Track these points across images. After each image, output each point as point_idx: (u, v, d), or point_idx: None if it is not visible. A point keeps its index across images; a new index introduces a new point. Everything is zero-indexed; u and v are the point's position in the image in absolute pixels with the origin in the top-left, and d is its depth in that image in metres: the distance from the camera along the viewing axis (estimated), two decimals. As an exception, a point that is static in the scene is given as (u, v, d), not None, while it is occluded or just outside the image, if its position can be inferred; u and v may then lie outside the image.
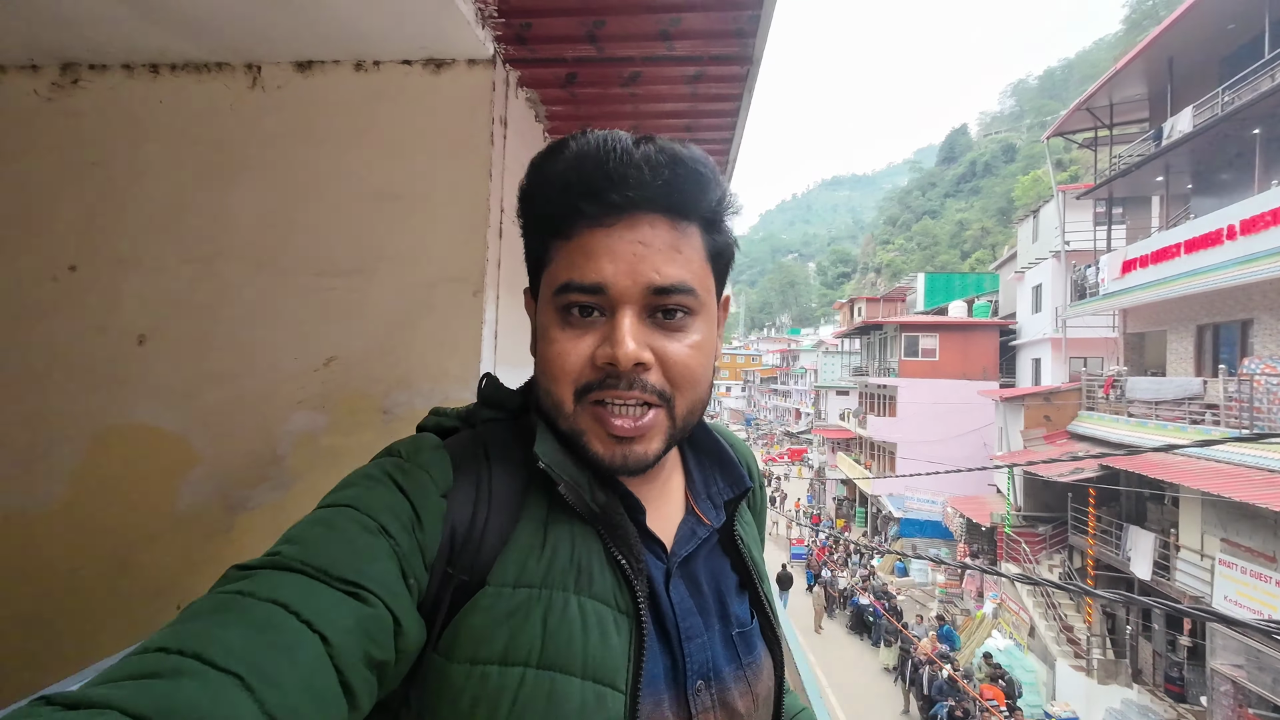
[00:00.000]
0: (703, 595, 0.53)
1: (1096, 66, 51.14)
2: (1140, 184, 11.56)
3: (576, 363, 0.48)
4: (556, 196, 0.48)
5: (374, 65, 1.67)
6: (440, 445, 0.50)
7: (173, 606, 1.62)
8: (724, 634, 0.52)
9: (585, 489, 0.49)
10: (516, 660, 0.42)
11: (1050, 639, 10.42)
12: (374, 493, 0.44)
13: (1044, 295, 15.61)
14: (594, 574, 0.47)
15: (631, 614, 0.46)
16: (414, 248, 1.65)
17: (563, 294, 0.48)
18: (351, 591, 0.38)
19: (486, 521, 0.47)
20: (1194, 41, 9.59)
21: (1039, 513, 12.54)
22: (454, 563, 0.45)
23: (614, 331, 0.47)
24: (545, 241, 0.51)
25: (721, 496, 0.58)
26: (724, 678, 0.50)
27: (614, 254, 0.47)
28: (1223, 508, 7.57)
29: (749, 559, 0.57)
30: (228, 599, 0.35)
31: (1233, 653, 7.53)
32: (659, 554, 0.52)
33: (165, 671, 0.30)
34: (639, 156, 0.47)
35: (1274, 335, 8.03)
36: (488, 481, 0.49)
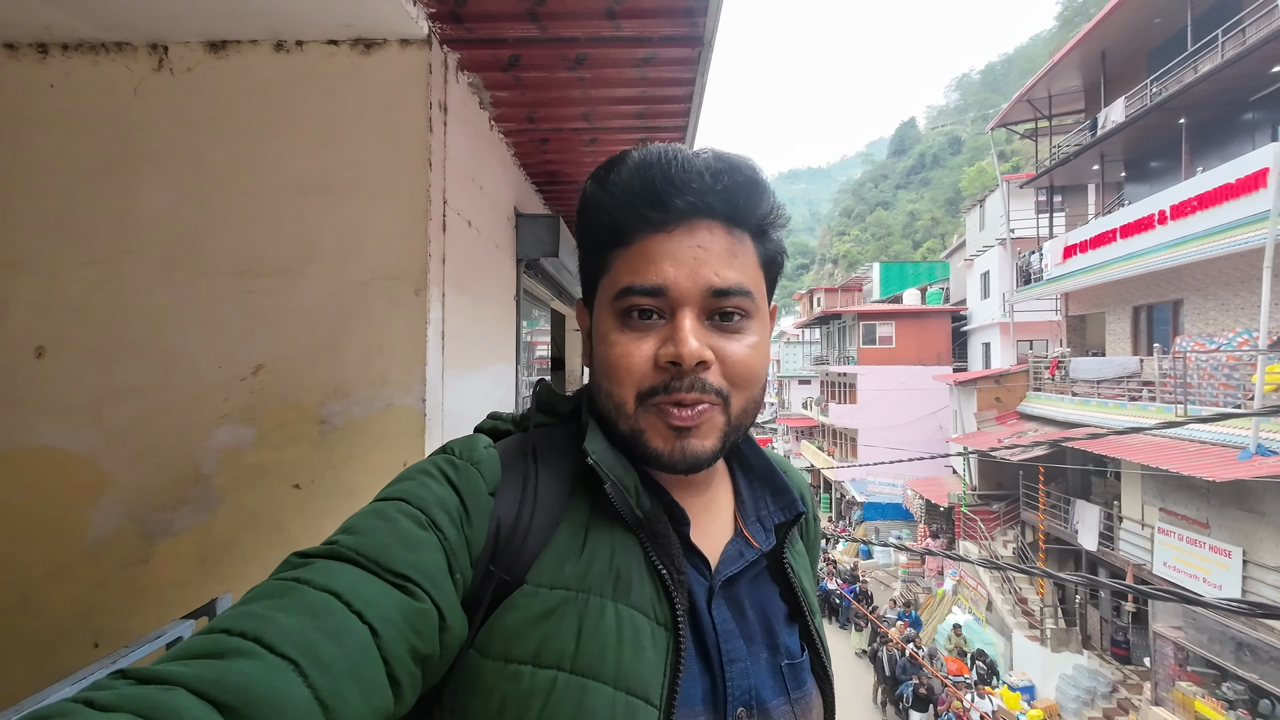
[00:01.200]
0: (747, 620, 0.51)
1: (1033, 61, 53.52)
2: (1078, 172, 12.11)
3: (639, 364, 0.49)
4: (618, 204, 0.50)
5: (296, 45, 1.53)
6: (491, 445, 0.51)
7: (89, 645, 1.46)
8: (772, 664, 0.50)
9: (631, 492, 0.49)
10: (549, 662, 0.42)
11: (1006, 612, 10.89)
12: (427, 487, 0.45)
13: (992, 281, 16.24)
14: (633, 582, 0.46)
15: (670, 627, 0.45)
16: (347, 244, 1.52)
17: (623, 297, 0.49)
18: (400, 584, 0.39)
19: (530, 522, 0.47)
20: (1124, 35, 10.07)
21: (993, 491, 13.08)
22: (496, 560, 0.46)
23: (676, 331, 0.48)
24: (604, 250, 0.52)
25: (772, 520, 0.57)
26: (769, 711, 0.48)
27: (675, 258, 0.48)
28: (1160, 480, 8.03)
29: (799, 589, 0.55)
30: (286, 585, 0.37)
31: (1172, 616, 8.01)
32: (702, 570, 0.51)
33: (227, 651, 0.32)
34: (699, 164, 0.49)
35: (1203, 314, 8.54)
36: (534, 483, 0.50)
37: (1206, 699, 7.26)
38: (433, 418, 1.56)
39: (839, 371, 21.16)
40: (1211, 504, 7.24)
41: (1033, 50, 68.05)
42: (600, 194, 0.51)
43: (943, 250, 29.33)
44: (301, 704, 0.31)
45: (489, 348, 2.16)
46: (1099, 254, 9.98)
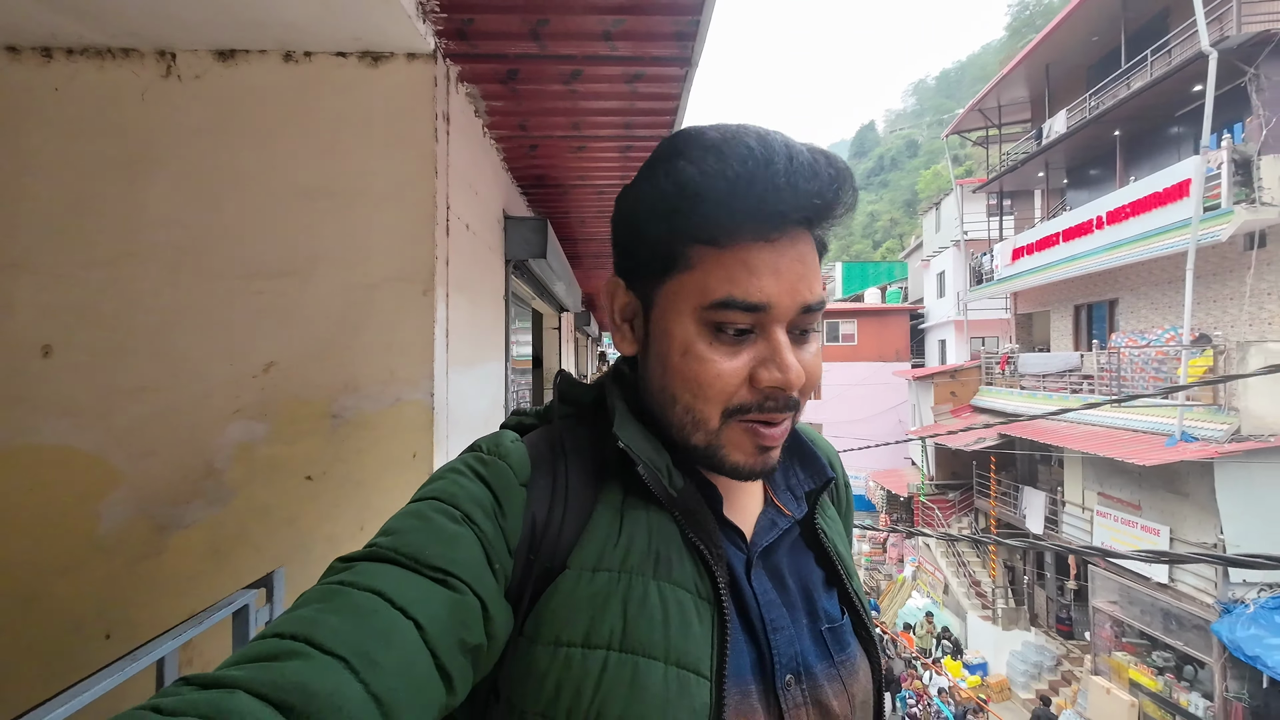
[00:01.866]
0: (787, 589, 0.51)
1: (985, 69, 55.78)
2: (1025, 179, 12.81)
3: (732, 383, 0.47)
4: (724, 202, 0.44)
5: (305, 56, 1.59)
6: (518, 439, 0.51)
7: (100, 638, 1.50)
8: (813, 630, 0.50)
9: (664, 473, 0.49)
10: (599, 643, 0.42)
11: (962, 594, 11.48)
12: (458, 484, 0.46)
13: (947, 281, 16.98)
14: (672, 560, 0.47)
15: (713, 601, 0.46)
16: (354, 247, 1.60)
17: (719, 310, 0.46)
18: (441, 579, 0.40)
19: (565, 510, 0.48)
20: (1066, 51, 10.72)
21: (949, 481, 13.72)
22: (536, 550, 0.46)
23: (777, 354, 0.46)
24: (684, 243, 0.47)
25: (802, 488, 0.57)
26: (815, 675, 0.48)
27: (776, 272, 0.45)
28: (1098, 465, 8.63)
29: (834, 553, 0.55)
30: (332, 589, 0.38)
31: (1110, 591, 8.63)
32: (738, 544, 0.51)
33: (281, 654, 0.33)
34: (823, 174, 0.45)
35: (1135, 313, 9.20)
36: (564, 473, 0.50)
37: (1139, 666, 7.87)
38: (439, 411, 1.65)
39: (804, 368, 21.67)
40: (1143, 487, 7.84)
41: (984, 58, 70.92)
42: (700, 180, 0.45)
43: (901, 251, 30.38)
44: (356, 699, 0.32)
45: (483, 346, 2.25)
46: (1044, 256, 10.61)
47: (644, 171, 0.50)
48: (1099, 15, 9.64)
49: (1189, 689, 7.29)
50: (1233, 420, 6.78)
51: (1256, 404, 6.71)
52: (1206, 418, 7.03)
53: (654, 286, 0.50)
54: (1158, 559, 1.22)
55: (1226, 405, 6.94)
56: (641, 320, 0.52)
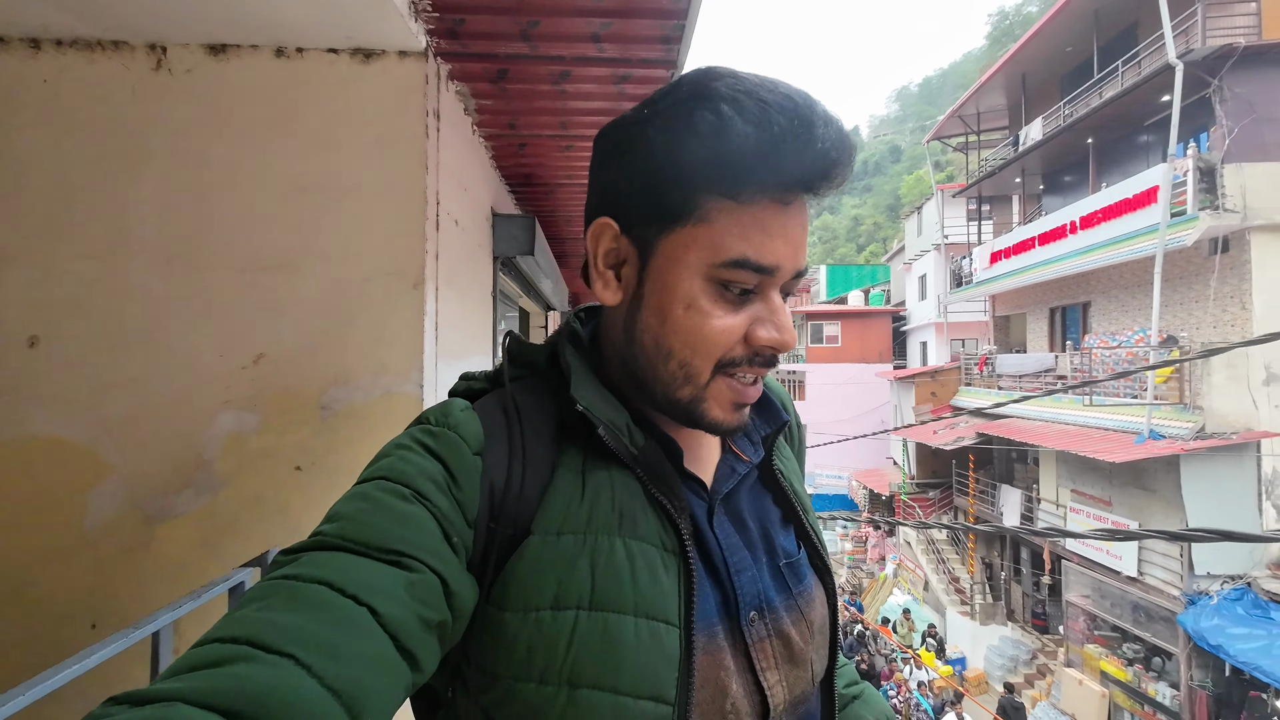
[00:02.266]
0: (747, 529, 0.53)
1: (966, 76, 56.94)
2: (1003, 184, 13.12)
3: (732, 340, 0.47)
4: (757, 154, 0.42)
5: (296, 52, 1.61)
6: (468, 407, 0.50)
7: (86, 628, 1.51)
8: (772, 566, 0.52)
9: (624, 432, 0.49)
10: (568, 604, 0.43)
11: (941, 590, 11.70)
12: (406, 460, 0.44)
13: (929, 284, 17.30)
14: (637, 517, 0.47)
15: (678, 552, 0.47)
16: (345, 241, 1.62)
17: (731, 269, 0.45)
18: (394, 560, 0.38)
19: (524, 475, 0.47)
20: (1041, 60, 11.02)
21: (929, 480, 13.97)
22: (497, 518, 0.46)
23: (777, 315, 0.47)
24: (697, 191, 0.45)
25: (758, 433, 0.58)
26: (776, 608, 0.51)
27: (787, 236, 0.45)
28: (1072, 462, 8.87)
29: (791, 492, 0.57)
30: (275, 585, 0.36)
31: (1083, 586, 8.87)
32: (700, 493, 0.52)
33: (223, 659, 0.31)
34: (849, 145, 0.44)
35: (1107, 315, 9.48)
36: (519, 437, 0.48)
37: (1110, 658, 8.10)
38: (429, 403, 1.68)
39: (789, 369, 21.97)
40: (1113, 484, 8.08)
41: (965, 66, 72.28)
42: (741, 129, 0.42)
43: (884, 254, 30.82)
44: (311, 695, 0.31)
45: (472, 340, 2.28)
46: (1020, 259, 10.87)
47: (660, 109, 0.46)
48: (1073, 27, 9.92)
49: (1157, 679, 7.53)
50: (1197, 419, 7.03)
51: (1220, 403, 6.97)
52: (1173, 416, 7.28)
53: (657, 235, 0.47)
54: (1111, 536, 1.31)
55: (1191, 404, 7.19)
56: (634, 269, 0.49)
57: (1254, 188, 6.96)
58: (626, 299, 0.50)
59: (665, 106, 0.46)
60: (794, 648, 0.50)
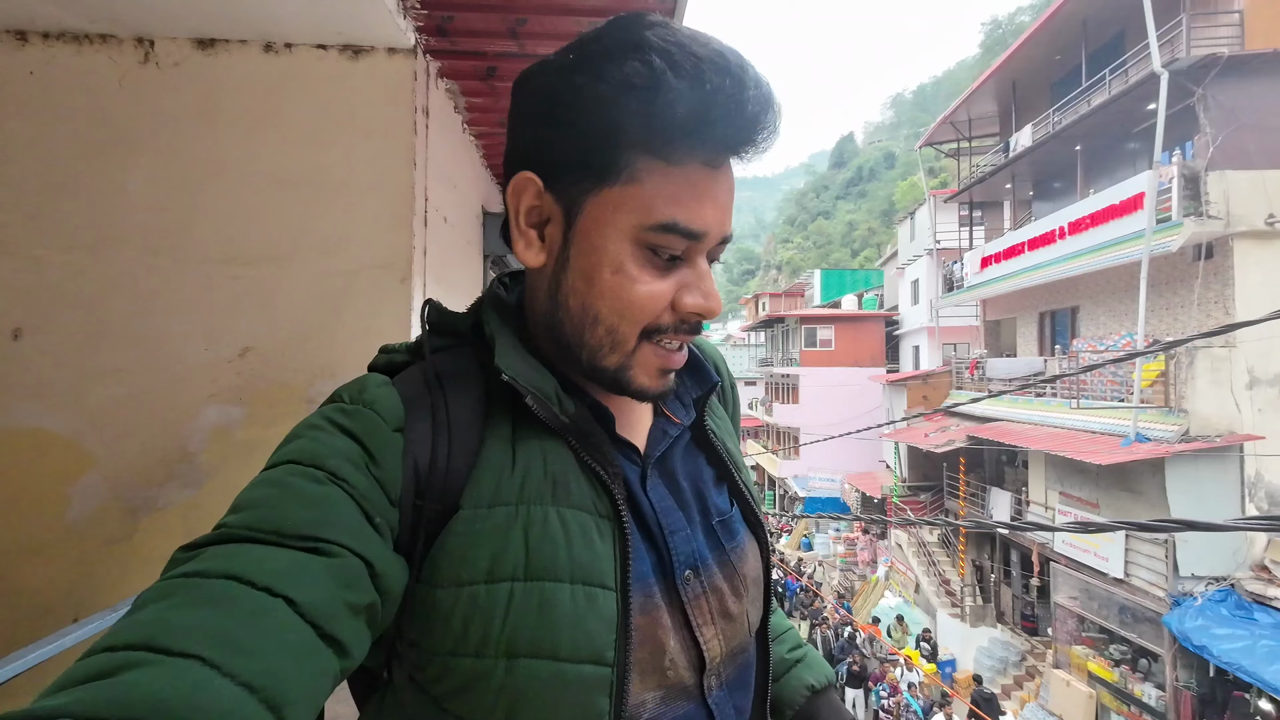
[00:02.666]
0: (681, 491, 0.53)
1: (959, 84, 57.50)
2: (994, 190, 13.25)
3: (659, 306, 0.46)
4: (695, 113, 0.41)
5: (285, 48, 1.62)
6: (386, 381, 0.47)
7: (68, 620, 1.50)
8: (705, 525, 0.53)
9: (553, 400, 0.48)
10: (502, 576, 0.42)
11: (932, 593, 11.75)
12: (318, 441, 0.42)
13: (921, 289, 17.43)
14: (570, 484, 0.47)
15: (612, 517, 0.47)
16: (333, 235, 1.63)
17: (660, 233, 0.44)
18: (310, 547, 0.36)
19: (450, 449, 0.45)
20: (1030, 68, 11.16)
21: (920, 483, 14.05)
22: (423, 495, 0.44)
23: (703, 281, 0.47)
24: (628, 149, 0.43)
25: (690, 395, 0.58)
26: (710, 565, 0.51)
27: (716, 200, 0.45)
28: (1060, 465, 8.95)
29: (723, 450, 0.57)
30: (174, 584, 0.33)
31: (1071, 588, 8.94)
32: (633, 458, 0.52)
33: (116, 668, 0.28)
34: (776, 108, 0.44)
35: (1095, 320, 9.59)
36: (444, 409, 0.47)
37: (1097, 659, 8.17)
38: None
39: (783, 373, 22.03)
40: (1100, 486, 8.16)
41: (959, 74, 73.02)
42: (673, 86, 0.41)
43: (878, 259, 31.01)
44: (224, 695, 0.29)
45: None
46: (1010, 264, 10.98)
47: (588, 55, 0.44)
48: (1062, 36, 10.06)
49: (1143, 680, 7.59)
50: (1182, 422, 7.12)
51: (1204, 407, 7.06)
52: (1158, 419, 7.37)
53: (583, 194, 0.45)
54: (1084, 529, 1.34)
55: (1177, 408, 7.28)
56: (558, 229, 0.47)
57: (1237, 195, 7.08)
58: (551, 261, 0.48)
59: (594, 52, 0.44)
60: (728, 602, 0.51)
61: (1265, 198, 6.98)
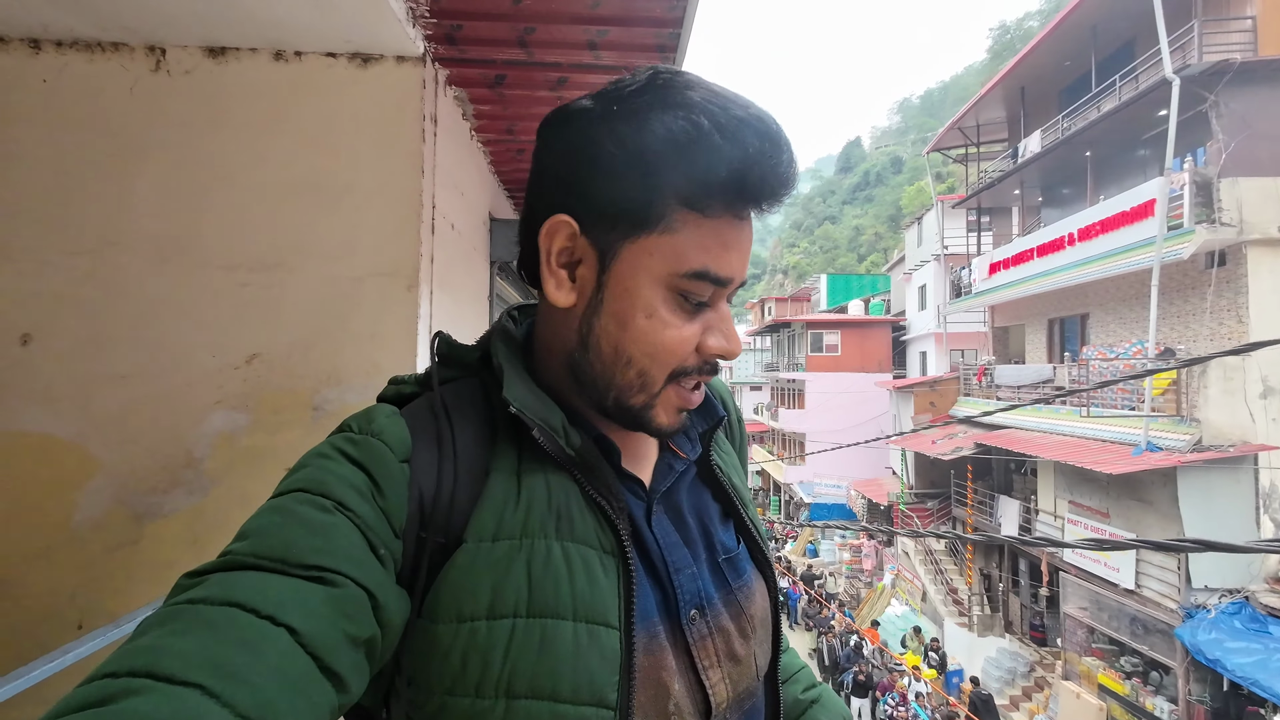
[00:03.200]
0: (687, 527, 0.53)
1: (967, 89, 57.35)
2: (1002, 196, 13.18)
3: (687, 349, 0.48)
4: (731, 170, 0.43)
5: (295, 55, 1.63)
6: (395, 413, 0.48)
7: (72, 627, 1.50)
8: (711, 562, 0.52)
9: (560, 433, 0.48)
10: (504, 612, 0.42)
11: (939, 601, 11.64)
12: (325, 470, 0.42)
13: (928, 294, 17.33)
14: (574, 518, 0.46)
15: (616, 553, 0.46)
16: (341, 242, 1.63)
17: (692, 280, 0.46)
18: (314, 576, 0.36)
19: (455, 480, 0.46)
20: (1039, 74, 11.10)
21: (927, 490, 13.93)
22: (427, 527, 0.44)
23: (726, 325, 0.49)
24: (666, 200, 0.45)
25: (696, 429, 0.58)
26: (716, 604, 0.50)
27: (740, 249, 0.48)
28: (1069, 474, 8.85)
29: (729, 486, 0.57)
30: (178, 609, 0.33)
31: (1080, 598, 8.83)
32: (638, 492, 0.52)
33: (114, 696, 0.28)
34: (796, 168, 0.47)
35: (1105, 327, 9.49)
36: (450, 441, 0.47)
37: (1107, 671, 8.05)
38: (421, 405, 1.69)
39: (788, 378, 21.95)
40: (1110, 495, 8.06)
41: (967, 79, 72.87)
42: (716, 144, 0.43)
43: (885, 264, 30.90)
44: None
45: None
46: (1019, 271, 10.91)
47: (631, 108, 0.45)
48: (1071, 42, 10.01)
49: (1155, 693, 7.47)
50: (1194, 431, 7.03)
51: (1217, 416, 6.97)
52: (1170, 428, 7.28)
53: (620, 239, 0.46)
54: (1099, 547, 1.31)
55: (1189, 416, 7.19)
56: (592, 271, 0.48)
57: (1250, 202, 7.00)
58: (582, 302, 0.49)
59: (637, 105, 0.45)
60: (735, 644, 0.50)
61: (1279, 205, 6.90)
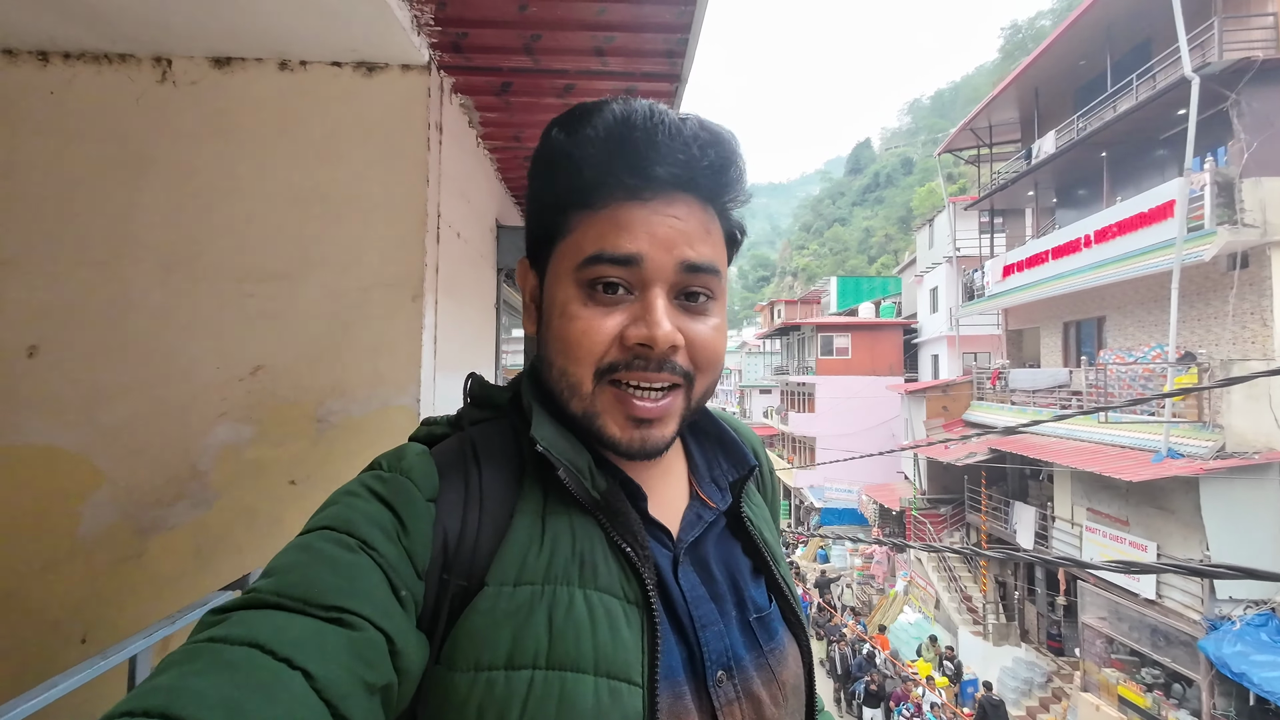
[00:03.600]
0: (715, 582, 0.50)
1: (978, 90, 56.84)
2: (1015, 197, 13.00)
3: (603, 341, 0.46)
4: (592, 164, 0.46)
5: (300, 65, 1.62)
6: (424, 451, 0.48)
7: (76, 640, 1.49)
8: (741, 621, 0.49)
9: (585, 475, 0.47)
10: (523, 663, 0.40)
11: (953, 609, 11.46)
12: (352, 508, 0.42)
13: (940, 297, 17.14)
14: (598, 565, 0.45)
15: (641, 604, 0.44)
16: (346, 252, 1.62)
17: (590, 266, 0.46)
18: (335, 618, 0.36)
19: (480, 522, 0.45)
20: (1054, 74, 10.95)
21: (940, 495, 13.74)
22: (450, 569, 0.43)
23: (649, 312, 0.46)
24: (565, 210, 0.48)
25: (726, 478, 0.56)
26: (746, 667, 0.47)
27: (650, 230, 0.46)
28: (1087, 480, 8.68)
29: (760, 541, 0.54)
30: (199, 648, 0.33)
31: (1099, 608, 8.64)
32: (665, 541, 0.50)
33: None
34: (688, 133, 0.46)
35: (1122, 330, 9.32)
36: (478, 482, 0.46)
37: (1128, 683, 7.86)
38: (426, 415, 1.67)
39: (798, 381, 21.79)
40: (1130, 503, 7.89)
41: (978, 79, 72.24)
42: (570, 146, 0.46)
43: (895, 266, 30.64)
44: None
45: (473, 352, 2.27)
46: (1033, 273, 10.74)
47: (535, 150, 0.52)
48: (1085, 41, 9.86)
49: (1177, 706, 7.28)
50: (1217, 437, 6.86)
51: (1240, 422, 6.80)
52: (1191, 434, 7.11)
53: (546, 258, 0.51)
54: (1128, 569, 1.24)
55: (1211, 422, 7.02)
56: (537, 296, 0.53)
57: (1274, 203, 6.83)
58: (539, 327, 0.53)
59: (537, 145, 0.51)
60: (765, 711, 0.47)
61: (1304, 206, 6.73)
